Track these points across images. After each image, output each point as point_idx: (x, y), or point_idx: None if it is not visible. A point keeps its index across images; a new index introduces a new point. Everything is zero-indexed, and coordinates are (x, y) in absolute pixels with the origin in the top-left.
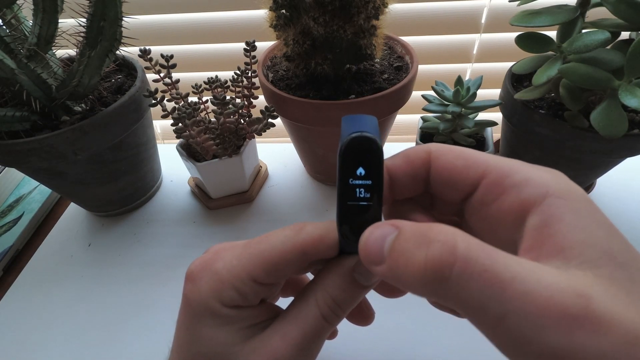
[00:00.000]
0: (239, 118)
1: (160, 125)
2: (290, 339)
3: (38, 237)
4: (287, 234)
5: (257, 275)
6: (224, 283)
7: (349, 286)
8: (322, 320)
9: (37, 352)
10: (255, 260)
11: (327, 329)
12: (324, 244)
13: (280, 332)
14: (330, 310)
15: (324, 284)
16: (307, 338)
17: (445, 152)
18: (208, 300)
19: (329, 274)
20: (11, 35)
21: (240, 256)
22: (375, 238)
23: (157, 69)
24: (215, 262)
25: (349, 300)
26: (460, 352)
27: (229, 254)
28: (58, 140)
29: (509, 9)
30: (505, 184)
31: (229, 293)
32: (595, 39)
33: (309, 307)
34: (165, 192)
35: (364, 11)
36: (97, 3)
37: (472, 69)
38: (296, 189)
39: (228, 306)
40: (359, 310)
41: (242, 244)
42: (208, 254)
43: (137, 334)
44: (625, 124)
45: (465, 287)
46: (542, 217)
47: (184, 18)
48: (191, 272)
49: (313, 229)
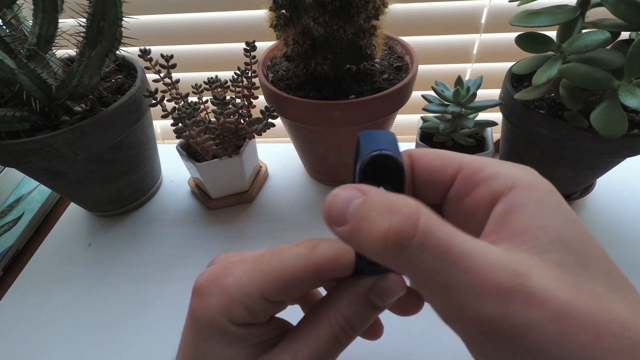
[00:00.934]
0: (239, 118)
1: (160, 125)
2: (301, 358)
3: (38, 237)
4: (300, 251)
5: (268, 294)
6: (234, 300)
7: (363, 308)
8: (334, 341)
9: (37, 352)
10: (266, 278)
11: (338, 349)
12: (339, 265)
13: (290, 351)
14: (343, 331)
15: (338, 305)
16: (317, 358)
17: (425, 154)
18: (216, 317)
19: (343, 295)
20: (11, 35)
21: (251, 272)
22: (341, 199)
23: (157, 69)
24: (225, 277)
25: (363, 323)
26: (460, 352)
27: (239, 269)
28: (58, 140)
29: (509, 9)
30: (477, 178)
31: (238, 311)
32: (595, 39)
33: (321, 326)
34: (165, 192)
35: (364, 11)
36: (97, 3)
37: (472, 69)
38: (296, 189)
39: (237, 324)
40: (370, 325)
41: (252, 258)
42: (217, 268)
43: (137, 333)
44: (625, 124)
45: (419, 258)
46: (506, 205)
47: (184, 18)
48: (199, 286)
49: (329, 248)
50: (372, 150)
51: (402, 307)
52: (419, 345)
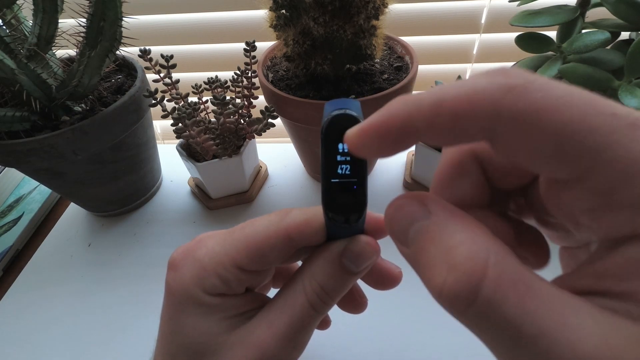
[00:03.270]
0: (239, 118)
1: (160, 125)
2: (277, 328)
3: (38, 237)
4: (271, 218)
5: (241, 262)
6: (207, 270)
7: (337, 273)
8: (310, 309)
9: (37, 352)
10: (238, 246)
11: (316, 317)
12: (310, 228)
13: (266, 321)
14: (319, 298)
15: (311, 271)
16: (294, 327)
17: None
18: (190, 288)
19: (316, 260)
20: (11, 35)
21: (223, 242)
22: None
23: (157, 69)
24: (198, 249)
25: (338, 288)
26: (460, 352)
27: (212, 241)
28: (58, 140)
29: (509, 9)
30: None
31: (211, 280)
32: (595, 39)
33: (296, 295)
34: (165, 192)
35: (364, 11)
36: (97, 3)
37: (472, 69)
38: (296, 189)
39: (211, 294)
40: (350, 297)
41: (226, 230)
42: (191, 242)
43: (137, 333)
44: None
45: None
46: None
47: (184, 18)
48: (173, 259)
49: (299, 213)
50: (333, 111)
51: (377, 280)
52: (419, 345)
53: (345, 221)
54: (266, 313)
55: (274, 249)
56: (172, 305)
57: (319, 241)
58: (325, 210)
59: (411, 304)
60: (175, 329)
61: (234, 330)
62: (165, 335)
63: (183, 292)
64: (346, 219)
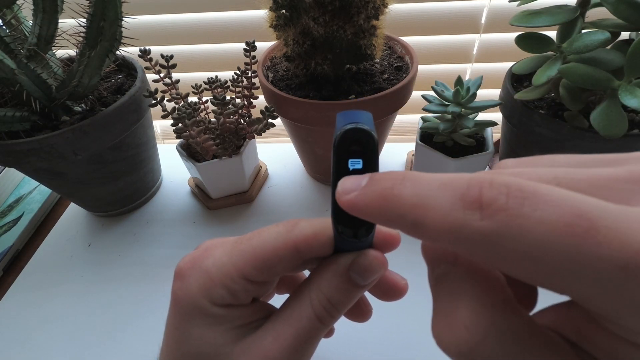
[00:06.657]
0: (239, 118)
1: (160, 125)
2: (283, 340)
3: (38, 237)
4: (279, 230)
5: (248, 273)
6: (214, 281)
7: (344, 286)
8: (317, 321)
9: (37, 352)
10: (246, 257)
11: (322, 330)
12: (318, 242)
13: (272, 332)
14: (325, 311)
15: (319, 283)
16: (300, 339)
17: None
18: (197, 298)
19: (323, 273)
20: (11, 35)
21: (230, 253)
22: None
23: (157, 69)
24: (205, 259)
25: (345, 301)
26: None
27: (219, 251)
28: (58, 140)
29: (509, 9)
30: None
31: (218, 291)
32: (595, 39)
33: (303, 307)
34: (165, 192)
35: (364, 11)
36: (97, 3)
37: (472, 69)
38: (296, 189)
39: (218, 305)
40: (356, 306)
41: (233, 240)
42: (198, 251)
43: (137, 333)
44: (625, 124)
45: None
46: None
47: (184, 18)
48: (180, 269)
49: (307, 226)
50: (346, 124)
51: (385, 291)
52: (419, 345)
53: (354, 235)
54: (272, 324)
55: (281, 260)
56: (178, 314)
57: (326, 253)
58: (335, 224)
59: (415, 311)
60: (181, 338)
61: (240, 341)
62: (170, 344)
63: (190, 302)
64: (355, 233)
